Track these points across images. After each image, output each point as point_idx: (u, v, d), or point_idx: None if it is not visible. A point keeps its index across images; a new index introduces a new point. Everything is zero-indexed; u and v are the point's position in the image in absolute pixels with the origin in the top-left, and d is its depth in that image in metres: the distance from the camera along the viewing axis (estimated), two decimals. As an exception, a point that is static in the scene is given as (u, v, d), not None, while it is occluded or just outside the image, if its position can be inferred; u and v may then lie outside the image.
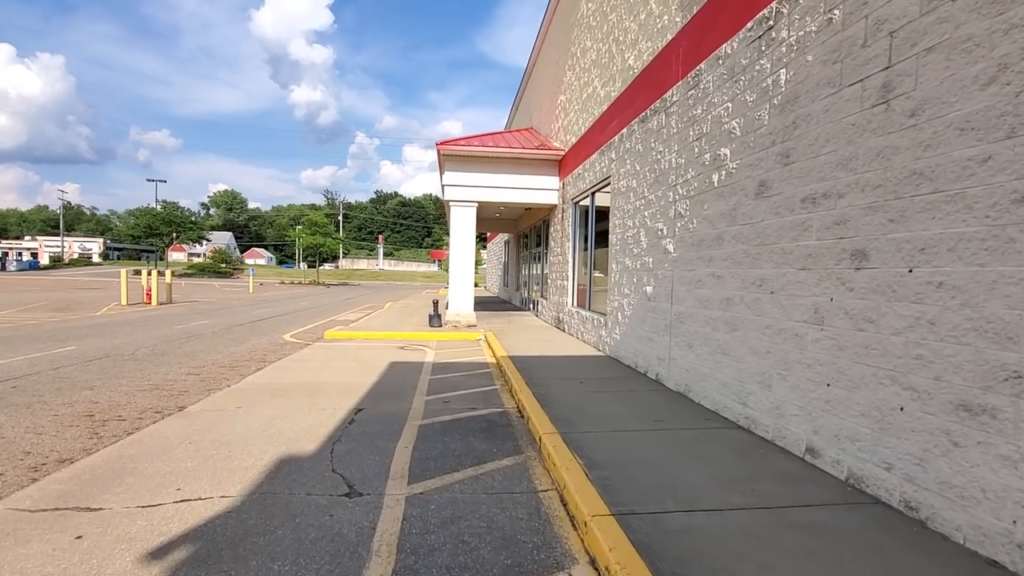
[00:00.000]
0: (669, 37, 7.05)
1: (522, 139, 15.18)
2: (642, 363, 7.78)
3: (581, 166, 11.70)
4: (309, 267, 58.02)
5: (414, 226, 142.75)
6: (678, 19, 6.79)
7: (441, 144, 13.30)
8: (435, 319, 14.26)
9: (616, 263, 9.06)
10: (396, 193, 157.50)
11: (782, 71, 4.56)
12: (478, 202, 14.28)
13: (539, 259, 18.40)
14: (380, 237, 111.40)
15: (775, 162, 4.61)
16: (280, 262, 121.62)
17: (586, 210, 12.12)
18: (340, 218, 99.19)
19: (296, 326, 15.20)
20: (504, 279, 29.90)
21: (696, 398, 6.02)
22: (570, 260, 12.84)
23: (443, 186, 14.04)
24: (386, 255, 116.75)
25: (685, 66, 6.52)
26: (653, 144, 7.48)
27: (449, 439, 5.08)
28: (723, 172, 5.50)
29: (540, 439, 4.79)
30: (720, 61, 5.64)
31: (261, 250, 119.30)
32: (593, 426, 5.09)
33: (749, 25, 5.10)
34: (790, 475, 3.90)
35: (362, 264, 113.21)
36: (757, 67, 4.93)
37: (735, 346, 5.21)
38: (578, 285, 12.66)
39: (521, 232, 23.07)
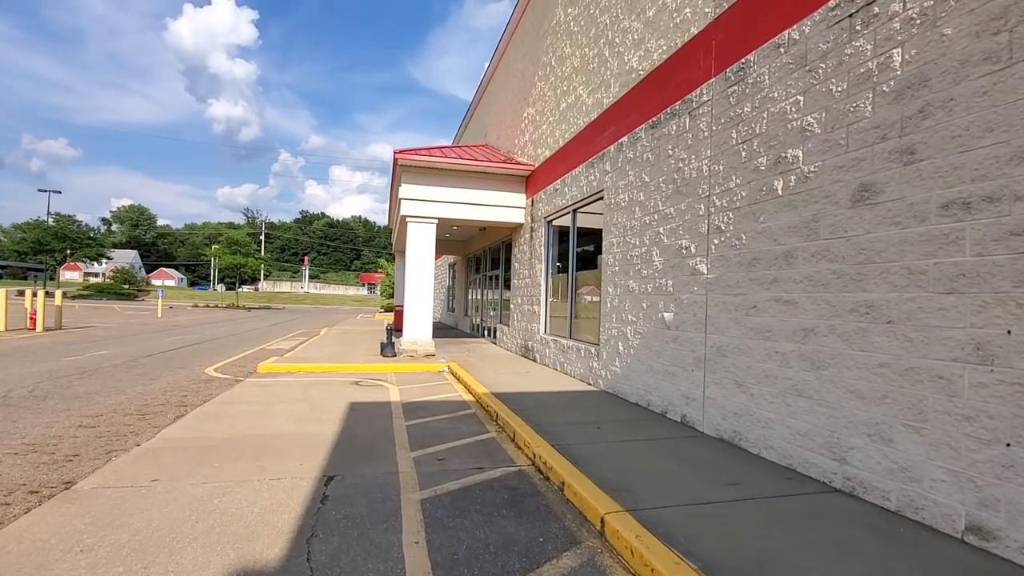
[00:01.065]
0: (693, 31, 6.23)
1: (487, 153, 14.10)
2: (657, 401, 6.72)
3: (559, 181, 10.73)
4: (228, 289, 53.25)
5: (342, 248, 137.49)
6: (708, 10, 5.99)
7: (400, 153, 11.93)
8: (388, 348, 12.62)
9: (613, 286, 8.04)
10: (323, 214, 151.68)
11: (895, 51, 3.73)
12: (438, 219, 12.95)
13: (495, 283, 17.21)
14: (306, 259, 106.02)
15: (888, 161, 3.74)
16: (192, 283, 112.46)
17: (563, 229, 11.13)
18: (262, 238, 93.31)
19: (219, 357, 12.99)
20: (448, 303, 28.40)
21: (753, 448, 5.00)
22: (542, 284, 11.75)
23: (400, 200, 12.62)
24: (312, 278, 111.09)
25: (720, 61, 5.69)
26: (671, 151, 6.58)
27: (470, 523, 3.70)
28: (792, 177, 4.61)
29: (603, 521, 3.53)
30: (781, 49, 4.81)
31: (171, 270, 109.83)
32: (659, 496, 3.90)
33: (832, 3, 4.29)
34: (973, 570, 2.88)
35: (285, 287, 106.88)
36: (849, 50, 4.10)
37: (821, 388, 4.24)
38: (551, 311, 11.57)
39: (471, 254, 21.83)
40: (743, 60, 5.32)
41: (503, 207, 13.26)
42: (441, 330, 22.63)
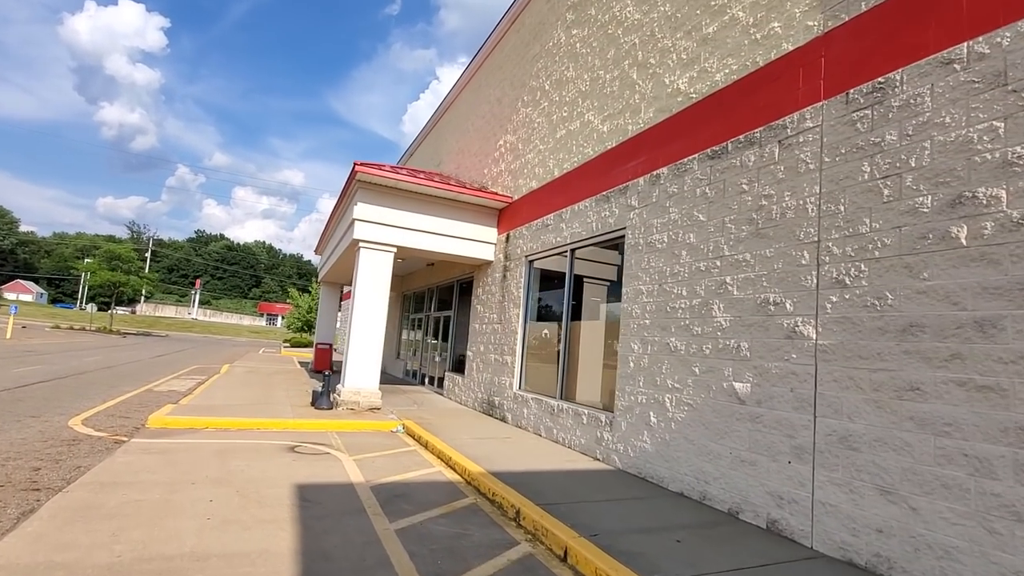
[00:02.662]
0: (787, 47, 5.25)
1: (455, 180, 12.54)
2: (721, 495, 5.29)
3: (552, 216, 9.40)
4: (100, 310, 45.79)
5: (241, 274, 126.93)
6: (812, 23, 5.03)
7: (361, 166, 10.04)
8: (323, 398, 10.27)
9: (641, 342, 6.67)
10: (222, 235, 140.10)
11: None
12: (397, 247, 11.07)
13: (443, 326, 15.32)
14: (198, 282, 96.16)
15: None
16: (54, 300, 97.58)
17: (550, 273, 9.73)
18: (148, 255, 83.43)
19: (89, 400, 9.90)
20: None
21: (918, 585, 3.66)
22: (518, 332, 10.16)
23: (354, 221, 10.61)
24: (202, 303, 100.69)
25: (836, 80, 4.68)
26: (746, 186, 5.45)
27: None
28: (987, 223, 3.53)
29: None
30: (956, 66, 3.82)
31: (30, 284, 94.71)
32: None
33: (1060, 6, 3.36)
34: None
35: (168, 311, 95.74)
36: (1101, 63, 3.13)
37: (1067, 516, 3.01)
38: (528, 363, 9.97)
39: (410, 291, 19.80)
40: (882, 79, 4.31)
41: (470, 240, 11.66)
42: (367, 374, 20.05)
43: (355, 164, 10.02)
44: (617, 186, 7.66)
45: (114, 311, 41.74)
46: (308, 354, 31.44)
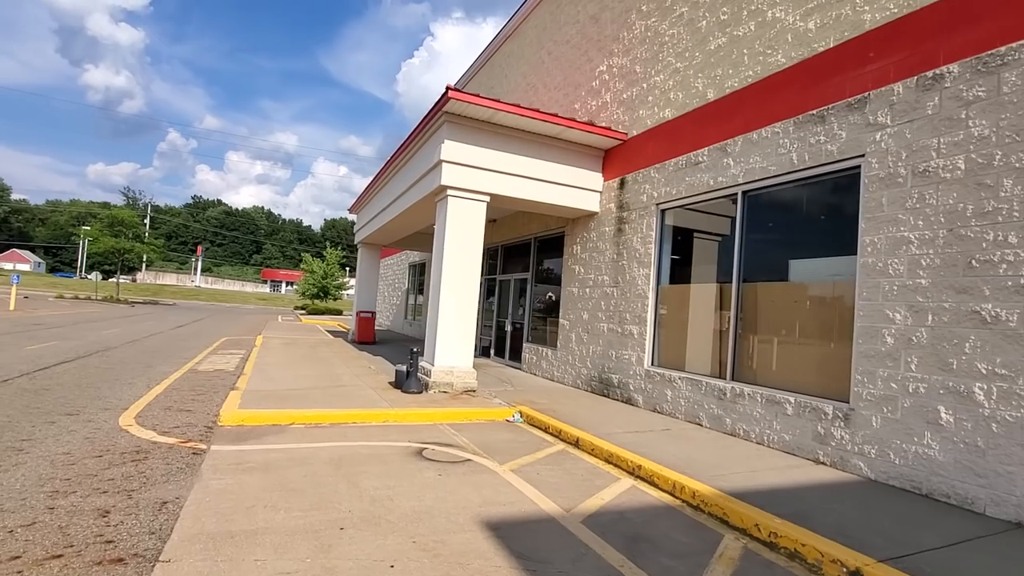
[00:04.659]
0: None
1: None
2: None
3: (705, 151, 7.42)
4: (105, 278, 43.78)
5: (241, 240, 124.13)
6: None
7: (455, 92, 7.96)
8: (411, 379, 8.50)
9: (907, 310, 4.85)
10: (219, 201, 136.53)
11: None
12: (490, 195, 9.11)
13: (519, 291, 13.47)
14: (199, 249, 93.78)
15: None
16: (52, 269, 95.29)
17: (687, 223, 7.84)
18: (147, 222, 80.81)
19: (129, 386, 8.12)
20: (407, 311, 23.97)
21: None
22: (649, 296, 8.33)
23: (440, 163, 8.62)
24: (204, 270, 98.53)
25: None
26: None
27: None
28: None
29: None
30: None
31: (26, 253, 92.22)
32: None
33: None
34: None
35: (170, 279, 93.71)
36: None
37: None
38: (663, 335, 8.18)
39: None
40: None
41: (572, 188, 9.68)
42: (403, 342, 18.33)
43: (447, 89, 7.95)
44: (841, 100, 5.67)
45: (119, 279, 39.70)
46: (330, 322, 29.75)
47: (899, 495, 4.68)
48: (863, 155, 5.43)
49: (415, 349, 8.69)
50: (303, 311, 40.54)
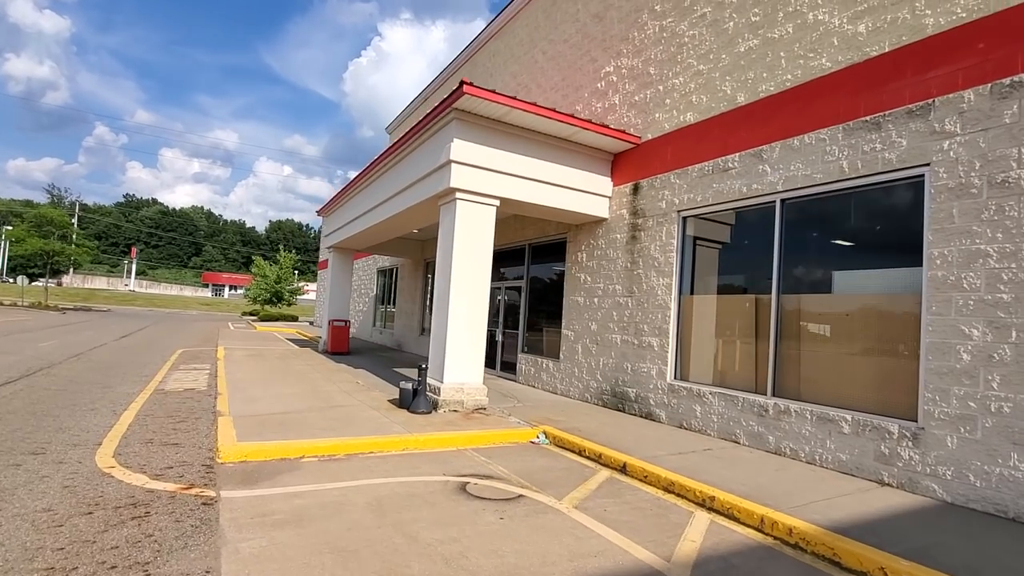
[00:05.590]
0: None
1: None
2: None
3: (735, 157, 7.15)
4: (30, 282, 39.78)
5: (179, 241, 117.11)
6: None
7: (471, 86, 7.34)
8: (419, 398, 7.80)
9: (985, 326, 4.67)
10: (155, 200, 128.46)
11: None
12: (500, 199, 8.54)
13: (511, 299, 12.90)
14: (133, 250, 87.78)
15: None
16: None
17: (717, 232, 7.56)
18: (75, 222, 74.77)
19: (93, 412, 7.01)
20: (377, 317, 22.90)
21: None
22: (671, 306, 7.98)
23: (448, 163, 7.97)
24: (138, 273, 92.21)
25: None
26: None
27: None
28: None
29: None
30: None
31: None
32: None
33: None
34: None
35: (100, 282, 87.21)
36: None
37: None
38: (687, 347, 7.85)
39: (434, 259, 17.05)
40: None
41: (581, 192, 9.25)
42: (377, 352, 17.41)
43: (462, 83, 7.32)
44: (900, 107, 5.48)
45: (48, 284, 36.21)
46: (287, 329, 28.15)
47: (990, 521, 4.46)
48: (928, 164, 5.24)
49: (423, 365, 7.97)
50: (253, 317, 38.33)
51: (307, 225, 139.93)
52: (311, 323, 36.15)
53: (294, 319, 36.70)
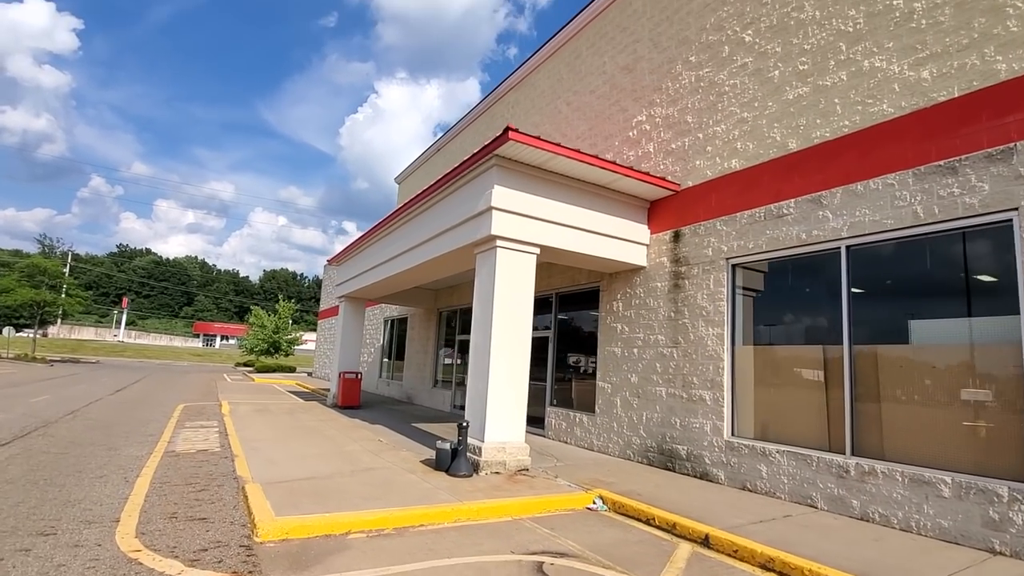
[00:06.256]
0: None
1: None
2: None
3: (791, 203, 6.96)
4: (17, 332, 38.62)
5: (171, 291, 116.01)
6: None
7: (515, 134, 7.18)
8: (461, 459, 7.21)
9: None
10: (148, 250, 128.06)
11: None
12: (540, 247, 8.26)
13: (539, 350, 12.42)
14: (125, 300, 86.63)
15: None
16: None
17: (752, 279, 7.27)
18: (66, 271, 73.91)
19: (102, 480, 6.35)
20: (383, 368, 22.22)
21: None
22: (724, 357, 7.59)
23: (490, 209, 7.71)
24: (128, 323, 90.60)
25: None
26: None
27: None
28: None
29: None
30: None
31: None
32: None
33: None
34: None
35: (87, 333, 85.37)
36: None
37: None
38: (744, 401, 7.40)
39: (455, 307, 16.70)
40: None
41: (618, 239, 9.00)
42: (388, 405, 16.68)
43: (507, 129, 7.14)
44: (978, 151, 5.32)
45: (36, 335, 35.21)
46: (287, 380, 27.31)
47: None
48: (1016, 208, 5.02)
49: (464, 423, 7.42)
50: (249, 368, 37.32)
51: (301, 274, 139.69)
52: (309, 374, 35.20)
53: (292, 370, 35.72)
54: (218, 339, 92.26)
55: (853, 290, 6.34)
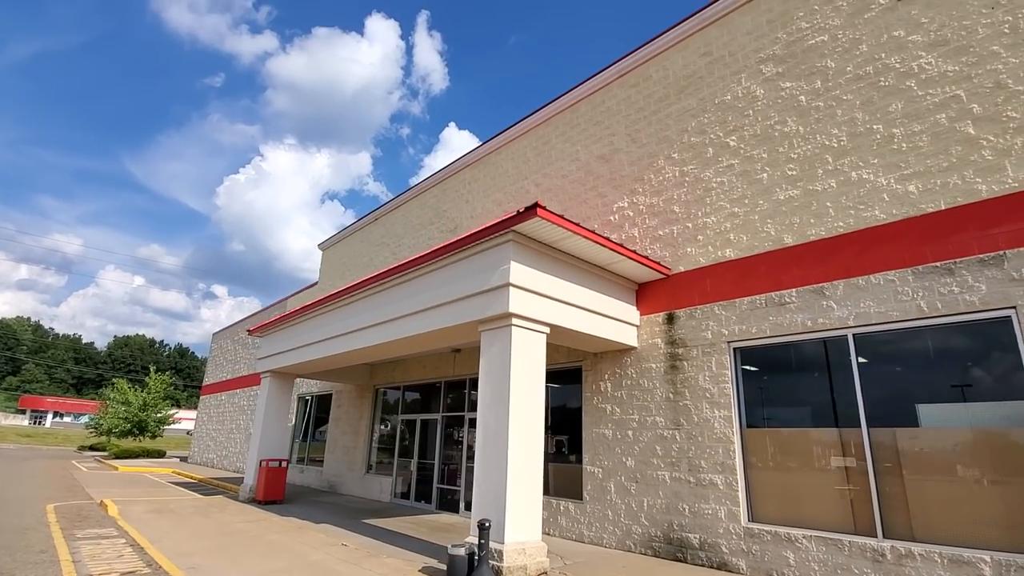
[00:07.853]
0: None
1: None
2: None
3: (793, 292, 7.52)
4: None
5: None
6: None
7: (543, 211, 7.08)
8: (483, 567, 6.36)
9: None
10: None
11: None
12: (550, 326, 8.02)
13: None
14: (-78, 370, 70.21)
15: None
16: None
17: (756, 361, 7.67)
18: None
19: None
20: (297, 452, 19.73)
21: None
22: (733, 439, 7.71)
23: (507, 286, 7.40)
24: (-78, 399, 73.10)
25: None
26: None
27: None
28: None
29: None
30: None
31: None
32: None
33: None
34: None
35: None
36: None
37: None
38: (759, 484, 7.48)
39: (394, 384, 15.54)
40: None
41: (614, 320, 9.07)
42: (315, 496, 14.70)
43: (536, 205, 7.01)
44: (970, 256, 6.16)
45: None
46: (159, 468, 23.25)
47: None
48: (1013, 307, 5.81)
49: (487, 523, 6.61)
50: (102, 453, 31.30)
51: (161, 341, 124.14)
52: (183, 459, 30.32)
53: (161, 455, 30.54)
54: (49, 416, 77.30)
55: (866, 375, 6.83)
